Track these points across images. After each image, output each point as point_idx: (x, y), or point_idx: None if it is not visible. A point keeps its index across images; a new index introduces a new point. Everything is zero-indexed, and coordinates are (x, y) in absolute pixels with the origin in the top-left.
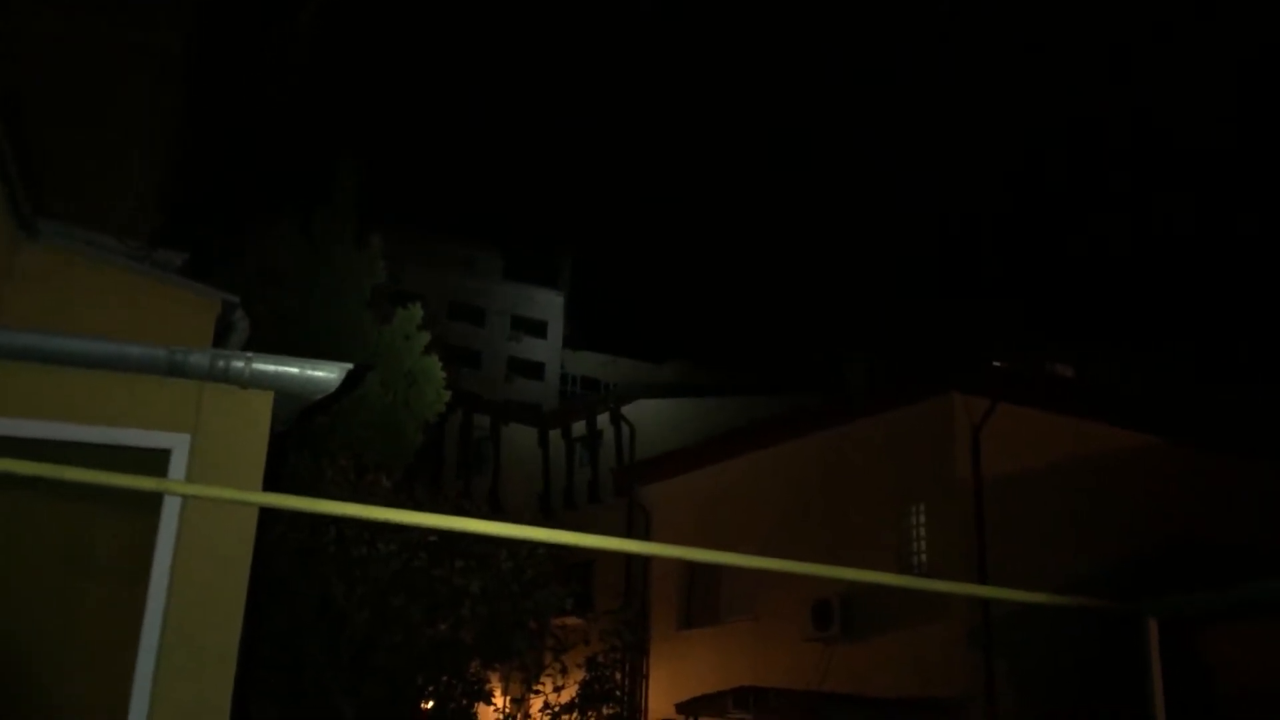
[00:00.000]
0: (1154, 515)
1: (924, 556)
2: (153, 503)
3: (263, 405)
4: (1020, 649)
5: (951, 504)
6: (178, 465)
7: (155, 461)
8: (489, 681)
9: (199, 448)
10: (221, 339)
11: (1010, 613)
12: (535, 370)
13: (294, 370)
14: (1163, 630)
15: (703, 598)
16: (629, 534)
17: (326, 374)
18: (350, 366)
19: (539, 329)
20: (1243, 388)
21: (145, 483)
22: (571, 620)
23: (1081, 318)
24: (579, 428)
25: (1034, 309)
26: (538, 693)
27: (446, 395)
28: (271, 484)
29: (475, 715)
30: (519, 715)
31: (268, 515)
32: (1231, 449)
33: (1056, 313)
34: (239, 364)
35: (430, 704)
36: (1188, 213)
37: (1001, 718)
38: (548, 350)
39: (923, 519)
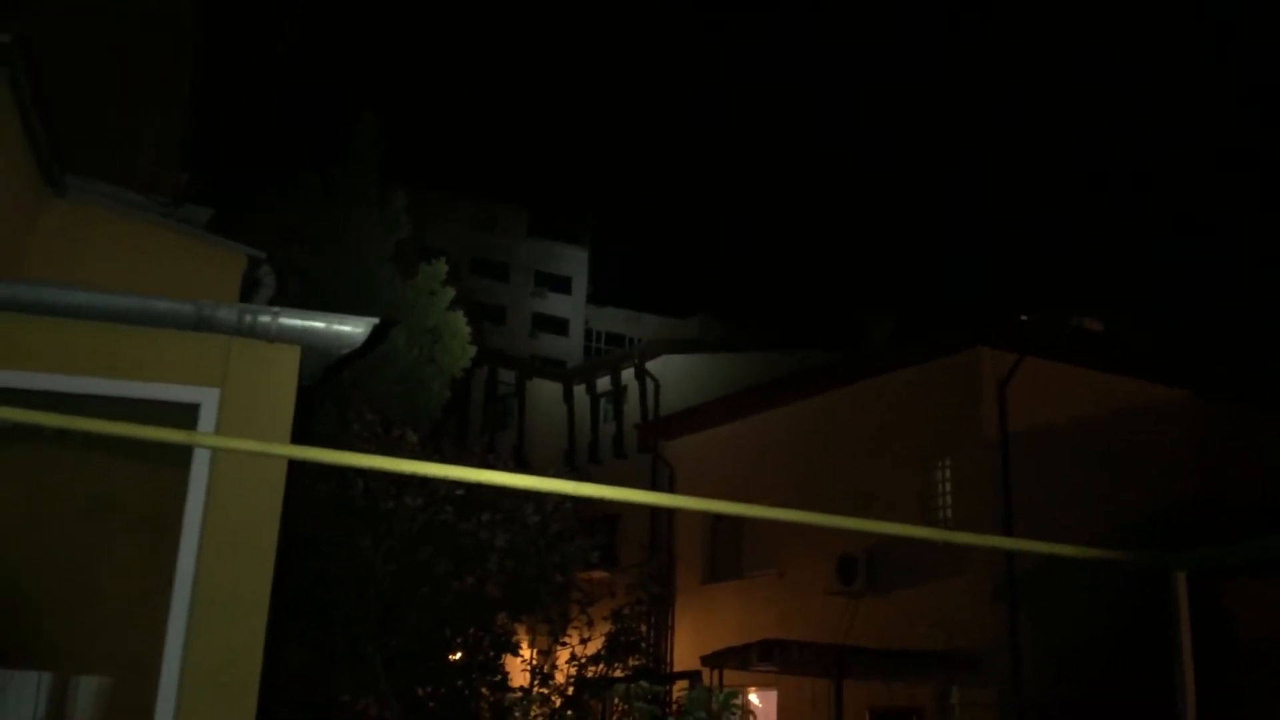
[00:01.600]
0: (1181, 470)
1: (949, 511)
2: (182, 456)
3: (290, 360)
4: (1045, 603)
5: (977, 458)
6: (207, 419)
7: (184, 416)
8: (516, 634)
9: (227, 402)
10: (248, 295)
11: (1035, 567)
12: (560, 326)
13: (320, 325)
14: (1190, 583)
15: (727, 552)
16: (654, 488)
17: (353, 328)
18: (376, 321)
19: (563, 285)
20: (1270, 341)
21: (175, 435)
22: (598, 574)
23: (1111, 272)
24: (604, 383)
25: (1063, 263)
26: (564, 645)
27: (471, 351)
28: (299, 438)
29: (502, 667)
30: (546, 667)
31: (296, 468)
32: (1258, 403)
33: (1086, 267)
34: (266, 319)
35: (458, 655)
36: (1215, 167)
37: (1025, 670)
38: (572, 306)
39: (948, 473)
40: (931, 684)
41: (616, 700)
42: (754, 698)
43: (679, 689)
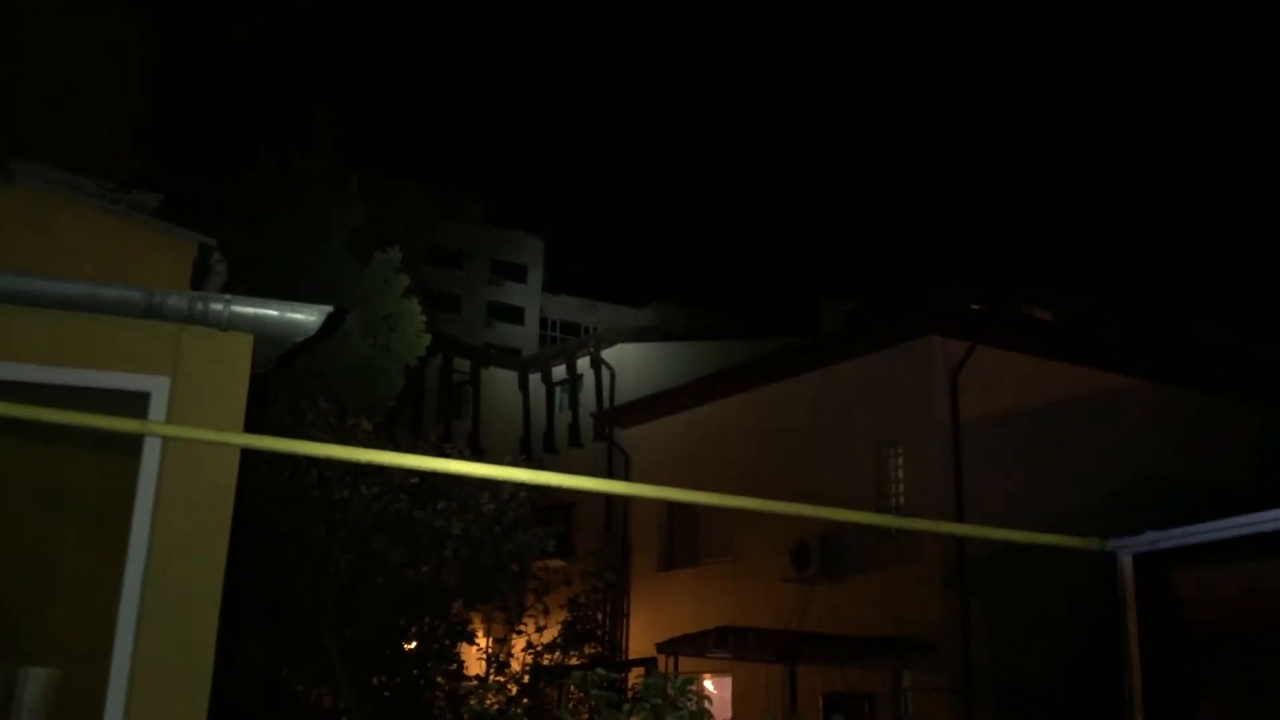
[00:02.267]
0: (1133, 456)
1: (902, 499)
2: (133, 445)
3: (242, 347)
4: (996, 589)
5: (930, 446)
6: (157, 408)
7: (134, 404)
8: (472, 623)
9: (178, 390)
10: (199, 282)
11: (987, 554)
12: (515, 315)
13: (273, 313)
14: (1137, 568)
15: (682, 540)
16: (609, 477)
17: (306, 316)
18: (330, 309)
19: (519, 273)
20: (1219, 327)
21: (127, 424)
22: (554, 562)
23: (1059, 260)
24: (559, 372)
25: (1011, 252)
26: (520, 633)
27: (427, 339)
28: (253, 427)
29: (458, 655)
30: (501, 655)
31: (249, 458)
32: (1209, 387)
33: (1034, 255)
34: (218, 306)
35: (413, 644)
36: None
37: (977, 656)
38: (527, 294)
39: (901, 461)
40: (884, 670)
41: (572, 688)
42: (709, 684)
43: (635, 676)
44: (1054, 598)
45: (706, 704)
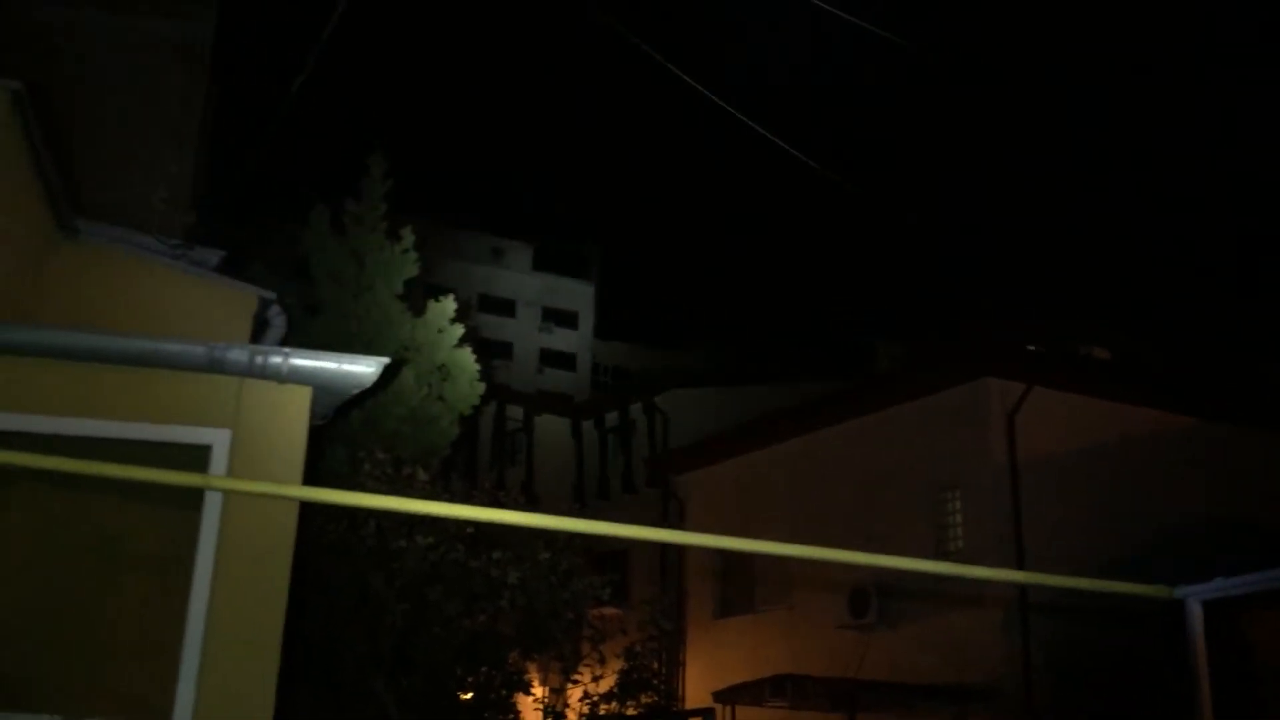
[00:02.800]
0: (1193, 496)
1: (961, 542)
2: (194, 498)
3: (301, 400)
4: (1059, 633)
5: (987, 489)
6: (218, 460)
7: (196, 457)
8: (527, 672)
9: (239, 443)
10: (258, 335)
11: (1049, 599)
12: (567, 361)
13: (331, 365)
14: (1207, 614)
15: (738, 586)
16: (663, 523)
17: (364, 368)
18: (387, 360)
19: (570, 320)
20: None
21: (190, 479)
22: (609, 610)
23: (1116, 299)
24: (612, 418)
25: (1068, 291)
26: (576, 682)
27: (481, 388)
28: (310, 478)
29: (514, 705)
30: (558, 705)
31: (307, 508)
32: (1269, 425)
33: (1091, 295)
34: (277, 359)
35: (470, 695)
36: (1223, 191)
37: (1040, 701)
38: (579, 341)
39: (959, 505)
40: (945, 717)
41: None
42: None
43: None
44: (1121, 640)
45: None
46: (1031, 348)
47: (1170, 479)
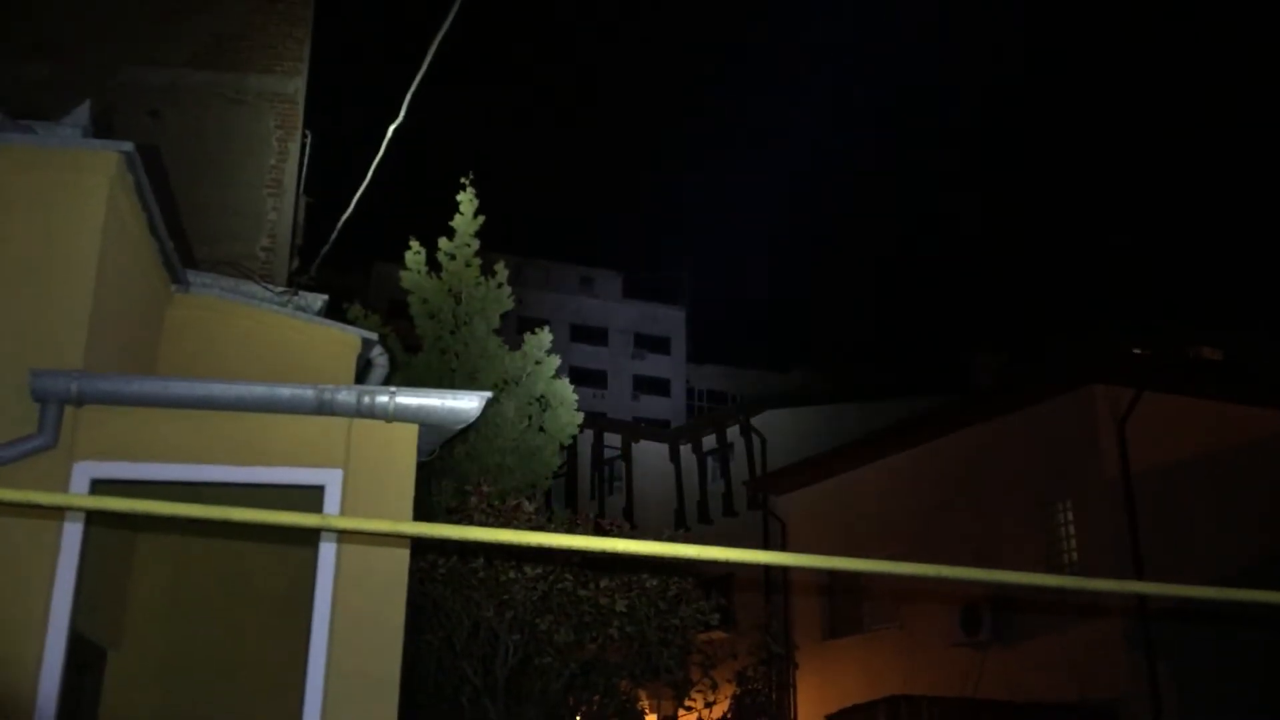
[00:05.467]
0: None
1: (1075, 555)
2: (310, 537)
3: (409, 437)
4: (1184, 648)
5: (1100, 499)
6: (332, 499)
7: (310, 497)
8: (640, 700)
9: (351, 482)
10: (362, 376)
11: (1171, 610)
12: (661, 387)
13: (436, 402)
14: None
15: (846, 607)
16: (765, 545)
17: (467, 404)
18: (489, 395)
19: (662, 345)
20: None
21: (309, 520)
22: (716, 634)
23: (1225, 298)
24: (709, 441)
25: (1174, 292)
26: (689, 709)
27: (579, 418)
28: (420, 512)
29: None
30: None
31: (419, 543)
32: None
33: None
34: (384, 399)
35: None
36: None
37: (1166, 718)
38: (672, 366)
39: (1070, 516)
40: None
41: None
42: None
43: None
44: (1250, 653)
45: None
46: (1138, 351)
47: None
